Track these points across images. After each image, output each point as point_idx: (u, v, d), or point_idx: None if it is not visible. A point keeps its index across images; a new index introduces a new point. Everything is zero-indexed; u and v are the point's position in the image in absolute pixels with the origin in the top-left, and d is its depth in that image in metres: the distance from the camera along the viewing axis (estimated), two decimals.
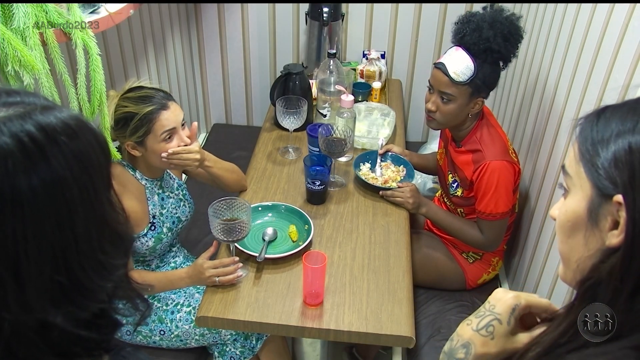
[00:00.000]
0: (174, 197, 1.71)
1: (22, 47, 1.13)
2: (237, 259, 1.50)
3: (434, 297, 1.90)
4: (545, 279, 1.77)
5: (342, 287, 1.52)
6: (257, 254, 1.56)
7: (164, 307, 1.68)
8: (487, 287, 1.97)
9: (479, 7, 1.73)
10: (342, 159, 2.02)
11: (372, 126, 2.23)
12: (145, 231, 1.61)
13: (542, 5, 2.05)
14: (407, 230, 1.75)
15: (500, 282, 2.06)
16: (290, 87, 2.14)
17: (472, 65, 1.64)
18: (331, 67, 2.18)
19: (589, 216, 0.65)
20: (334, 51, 2.18)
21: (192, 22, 2.72)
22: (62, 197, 0.55)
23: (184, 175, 1.85)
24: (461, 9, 2.51)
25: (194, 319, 1.64)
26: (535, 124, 1.99)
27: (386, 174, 1.93)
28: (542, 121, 1.92)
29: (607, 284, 0.61)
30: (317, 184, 1.77)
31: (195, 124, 1.59)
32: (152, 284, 1.57)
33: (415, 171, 1.97)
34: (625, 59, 1.35)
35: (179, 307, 1.68)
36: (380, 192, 1.85)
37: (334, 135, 1.79)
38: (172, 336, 1.66)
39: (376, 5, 2.59)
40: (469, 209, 1.83)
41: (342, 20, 2.54)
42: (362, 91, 2.41)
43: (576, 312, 0.65)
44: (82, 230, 0.57)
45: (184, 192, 1.77)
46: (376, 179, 1.90)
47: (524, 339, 0.77)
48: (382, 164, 1.98)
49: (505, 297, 0.78)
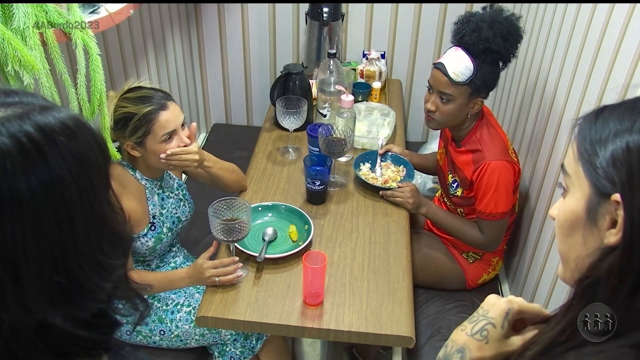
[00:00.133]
0: (174, 197, 1.71)
1: (22, 47, 1.13)
2: (237, 259, 1.50)
3: (434, 297, 1.90)
4: (545, 279, 1.77)
5: (342, 287, 1.52)
6: (257, 254, 1.56)
7: (164, 307, 1.68)
8: (487, 287, 1.97)
9: (478, 7, 1.73)
10: (342, 159, 2.02)
11: (372, 126, 2.23)
12: (145, 231, 1.61)
13: (542, 5, 2.05)
14: (407, 230, 1.75)
15: (500, 282, 2.06)
16: (290, 87, 2.14)
17: (472, 65, 1.64)
18: (331, 67, 2.18)
19: (587, 215, 0.65)
20: (334, 51, 2.18)
21: (192, 22, 2.72)
22: (61, 198, 0.55)
23: (184, 175, 1.85)
24: (461, 9, 2.51)
25: (194, 319, 1.64)
26: (535, 124, 1.99)
27: (386, 174, 1.93)
28: (542, 121, 1.92)
29: (606, 282, 0.61)
30: (317, 184, 1.77)
31: (194, 125, 1.59)
32: (151, 284, 1.57)
33: (415, 171, 1.97)
34: (625, 58, 1.35)
35: (179, 307, 1.68)
36: (380, 192, 1.85)
37: (334, 135, 1.79)
38: (172, 336, 1.66)
39: (376, 5, 2.59)
40: (469, 209, 1.83)
41: (342, 20, 2.54)
42: (362, 91, 2.41)
43: (575, 310, 0.65)
44: (81, 230, 0.57)
45: (184, 192, 1.77)
46: (376, 179, 1.90)
47: (517, 341, 0.79)
48: (382, 164, 1.98)
49: (498, 302, 0.80)
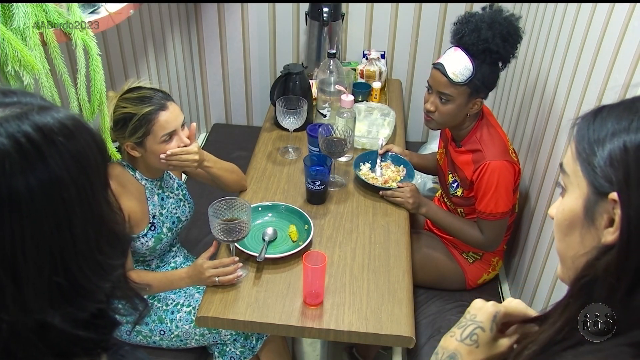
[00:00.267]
0: (173, 197, 1.71)
1: (22, 47, 1.13)
2: (237, 259, 1.50)
3: (434, 297, 1.90)
4: (545, 279, 1.77)
5: (342, 287, 1.52)
6: (257, 254, 1.56)
7: (164, 307, 1.68)
8: (487, 287, 1.97)
9: (478, 8, 1.73)
10: (342, 159, 2.02)
11: (372, 126, 2.23)
12: (145, 231, 1.61)
13: (542, 5, 2.05)
14: (407, 230, 1.75)
15: (500, 282, 2.05)
16: (290, 87, 2.14)
17: (471, 65, 1.64)
18: (331, 67, 2.18)
19: (585, 214, 0.65)
20: (334, 51, 2.18)
21: (192, 22, 2.72)
22: (60, 198, 0.55)
23: (184, 175, 1.85)
24: (461, 9, 2.51)
25: (194, 319, 1.64)
26: (535, 124, 1.99)
27: (386, 174, 1.93)
28: (542, 121, 1.92)
29: (603, 281, 0.62)
30: (317, 184, 1.77)
31: (194, 125, 1.59)
32: (151, 284, 1.57)
33: (415, 171, 1.97)
34: (625, 59, 1.35)
35: (179, 307, 1.68)
36: (380, 192, 1.85)
37: (334, 135, 1.79)
38: (172, 336, 1.66)
39: (376, 5, 2.59)
40: (469, 209, 1.83)
41: (342, 20, 2.54)
42: (362, 91, 2.41)
43: (572, 309, 0.65)
44: (80, 230, 0.57)
45: (184, 192, 1.77)
46: (376, 179, 1.90)
47: (506, 342, 0.80)
48: (382, 164, 1.98)
49: (485, 306, 0.81)
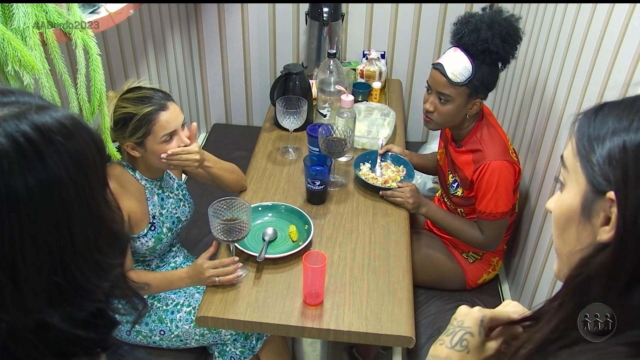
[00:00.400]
0: (173, 197, 1.71)
1: (22, 47, 1.13)
2: (237, 259, 1.50)
3: (434, 297, 1.90)
4: (545, 279, 1.77)
5: (342, 287, 1.52)
6: (257, 254, 1.56)
7: (164, 307, 1.68)
8: (487, 287, 1.97)
9: (478, 8, 1.73)
10: (342, 159, 2.02)
11: (372, 126, 2.23)
12: (145, 231, 1.61)
13: (541, 5, 2.05)
14: (407, 230, 1.75)
15: (500, 282, 2.05)
16: (290, 87, 2.14)
17: (470, 66, 1.64)
18: (331, 67, 2.18)
19: (582, 211, 0.65)
20: (334, 51, 2.18)
21: (192, 22, 2.72)
22: (59, 197, 0.55)
23: (184, 175, 1.85)
24: (461, 10, 2.51)
25: (194, 319, 1.64)
26: (535, 124, 1.99)
27: (386, 174, 1.93)
28: (542, 121, 1.92)
29: (597, 279, 0.62)
30: (317, 184, 1.77)
31: (194, 125, 1.59)
32: (150, 283, 1.57)
33: (415, 171, 1.97)
34: (625, 59, 1.35)
35: (179, 307, 1.68)
36: (380, 192, 1.85)
37: (334, 135, 1.79)
38: (172, 336, 1.66)
39: (376, 5, 2.59)
40: (469, 209, 1.83)
41: (342, 20, 2.54)
42: (362, 91, 2.41)
43: (567, 307, 0.65)
44: (78, 230, 0.57)
45: (184, 192, 1.77)
46: (376, 179, 1.90)
47: (493, 345, 0.81)
48: (382, 164, 1.98)
49: (471, 311, 0.83)
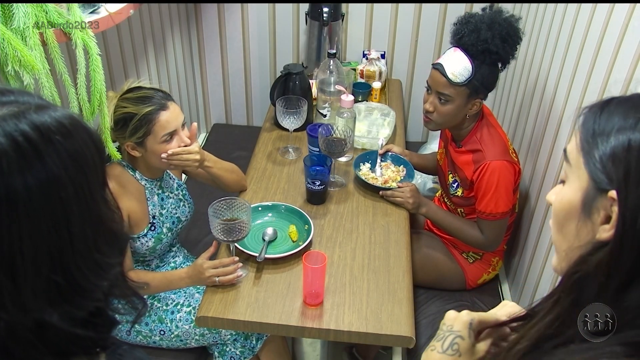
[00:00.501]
0: (173, 197, 1.71)
1: (22, 47, 1.13)
2: (237, 259, 1.50)
3: (434, 297, 1.90)
4: (545, 279, 1.77)
5: (342, 287, 1.52)
6: (257, 254, 1.56)
7: (164, 307, 1.68)
8: (487, 287, 1.97)
9: (478, 8, 1.73)
10: (342, 159, 2.02)
11: (372, 126, 2.23)
12: (145, 231, 1.61)
13: (542, 6, 2.05)
14: (407, 230, 1.75)
15: (500, 282, 2.05)
16: (290, 87, 2.14)
17: (470, 66, 1.64)
18: (331, 67, 2.18)
19: (582, 207, 0.65)
20: (334, 51, 2.18)
21: (192, 22, 2.72)
22: (58, 197, 0.55)
23: (184, 175, 1.85)
24: (461, 10, 2.51)
25: (194, 319, 1.64)
26: (535, 124, 1.99)
27: (386, 174, 1.93)
28: (542, 121, 1.92)
29: (594, 277, 0.62)
30: (317, 184, 1.77)
31: (194, 125, 1.59)
32: (149, 283, 1.57)
33: (415, 171, 1.97)
34: (625, 59, 1.35)
35: (179, 307, 1.68)
36: (380, 192, 1.85)
37: (334, 135, 1.79)
38: (172, 336, 1.66)
39: (376, 5, 2.59)
40: (469, 209, 1.83)
41: (342, 20, 2.54)
42: (362, 91, 2.41)
43: (563, 304, 0.65)
44: (77, 229, 0.57)
45: (184, 192, 1.77)
46: (376, 179, 1.90)
47: (483, 347, 0.82)
48: (382, 164, 1.98)
49: (459, 315, 0.83)
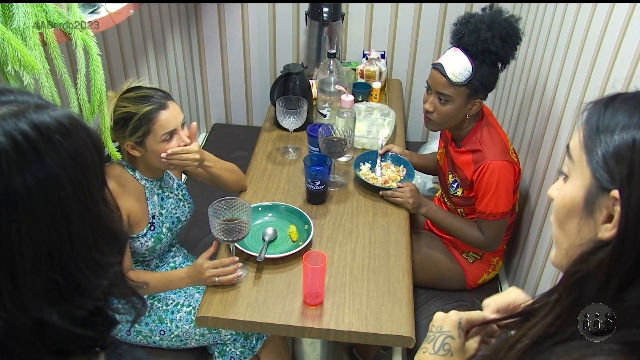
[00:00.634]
0: (173, 197, 1.71)
1: (22, 47, 1.13)
2: (237, 259, 1.50)
3: (434, 297, 1.90)
4: (545, 279, 1.77)
5: (342, 287, 1.52)
6: (257, 254, 1.56)
7: (164, 307, 1.68)
8: (487, 287, 1.97)
9: (478, 8, 1.74)
10: (342, 159, 2.02)
11: (372, 126, 2.23)
12: (144, 231, 1.61)
13: (541, 6, 2.05)
14: (407, 230, 1.75)
15: (500, 282, 2.06)
16: (290, 87, 2.14)
17: (470, 66, 1.64)
18: (331, 67, 2.18)
19: (585, 205, 0.65)
20: (334, 51, 2.18)
21: (192, 22, 2.72)
22: (57, 196, 0.55)
23: (184, 175, 1.85)
24: (461, 10, 2.51)
25: (194, 319, 1.64)
26: (535, 124, 1.99)
27: (386, 174, 1.93)
28: (542, 121, 1.92)
29: (595, 277, 0.62)
30: (317, 184, 1.77)
31: (194, 124, 1.59)
32: (149, 283, 1.57)
33: (415, 171, 1.97)
34: (625, 59, 1.35)
35: (179, 307, 1.68)
36: (380, 192, 1.85)
37: (334, 135, 1.79)
38: (172, 336, 1.66)
39: (376, 5, 2.59)
40: (469, 209, 1.83)
41: (342, 20, 2.54)
42: (362, 91, 2.41)
43: (563, 304, 0.65)
44: (77, 228, 0.57)
45: (184, 192, 1.77)
46: (376, 179, 1.90)
47: (473, 345, 0.84)
48: (382, 164, 1.98)
49: (448, 316, 0.85)
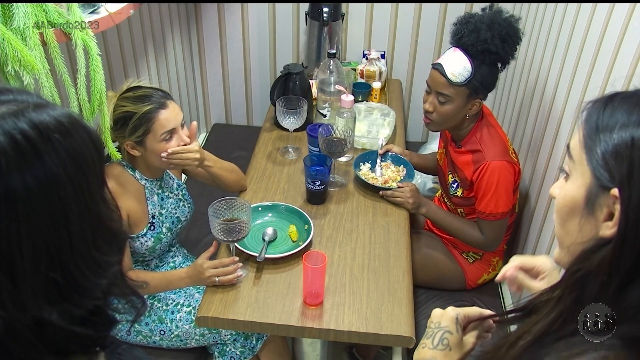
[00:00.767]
0: (173, 197, 1.71)
1: (22, 47, 1.13)
2: (237, 259, 1.50)
3: (434, 297, 1.90)
4: None
5: (342, 287, 1.52)
6: (257, 254, 1.56)
7: (164, 307, 1.68)
8: (487, 287, 1.97)
9: (478, 8, 1.74)
10: (342, 159, 2.02)
11: (372, 126, 2.23)
12: (144, 231, 1.61)
13: (541, 6, 2.05)
14: (407, 230, 1.75)
15: (500, 282, 2.05)
16: (290, 87, 2.14)
17: (470, 66, 1.64)
18: (331, 67, 2.18)
19: (586, 204, 0.65)
20: (334, 51, 2.18)
21: (192, 22, 2.72)
22: (56, 195, 0.55)
23: (184, 175, 1.85)
24: (461, 10, 2.51)
25: (194, 319, 1.64)
26: (535, 124, 1.99)
27: (386, 174, 1.93)
28: (542, 121, 1.92)
29: (596, 275, 0.62)
30: (317, 184, 1.77)
31: (194, 124, 1.59)
32: (149, 282, 1.57)
33: (415, 171, 1.97)
34: (625, 59, 1.35)
35: (179, 307, 1.68)
36: (380, 192, 1.85)
37: (334, 135, 1.79)
38: (172, 336, 1.66)
39: (376, 5, 2.59)
40: (469, 209, 1.83)
41: (342, 20, 2.54)
42: (362, 91, 2.41)
43: (565, 301, 0.66)
44: (76, 228, 0.57)
45: (184, 192, 1.77)
46: (376, 179, 1.90)
47: (471, 340, 0.86)
48: (382, 164, 1.98)
49: (445, 312, 0.87)
